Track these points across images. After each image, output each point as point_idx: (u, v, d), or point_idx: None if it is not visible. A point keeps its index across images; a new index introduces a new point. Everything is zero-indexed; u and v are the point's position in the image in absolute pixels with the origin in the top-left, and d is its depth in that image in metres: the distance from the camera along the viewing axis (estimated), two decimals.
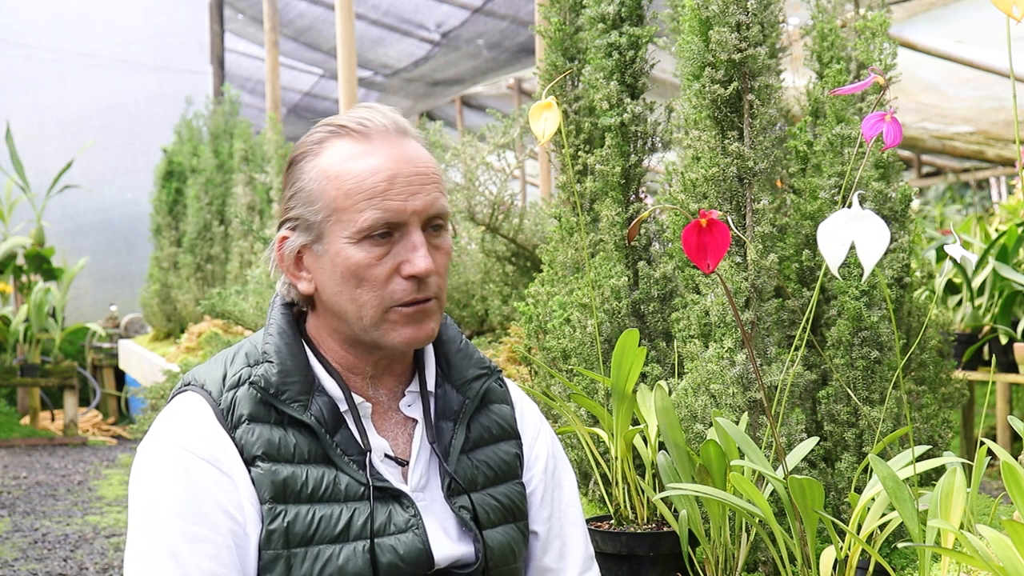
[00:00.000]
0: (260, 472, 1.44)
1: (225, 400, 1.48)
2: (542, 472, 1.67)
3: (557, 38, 2.89)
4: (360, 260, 1.47)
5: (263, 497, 1.44)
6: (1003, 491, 1.52)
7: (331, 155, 1.49)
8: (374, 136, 1.50)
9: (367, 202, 1.46)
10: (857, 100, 2.67)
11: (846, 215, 1.49)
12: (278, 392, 1.48)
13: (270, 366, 1.49)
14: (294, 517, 1.44)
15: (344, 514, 1.46)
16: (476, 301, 4.81)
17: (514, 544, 1.59)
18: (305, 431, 1.48)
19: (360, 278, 1.48)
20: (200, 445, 1.45)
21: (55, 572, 5.16)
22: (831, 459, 2.31)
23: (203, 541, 1.41)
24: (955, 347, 4.43)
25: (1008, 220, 5.63)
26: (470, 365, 1.62)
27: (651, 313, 2.57)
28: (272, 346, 1.51)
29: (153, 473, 1.45)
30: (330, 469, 1.48)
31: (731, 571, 2.01)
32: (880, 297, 2.28)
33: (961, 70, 8.02)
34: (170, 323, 8.12)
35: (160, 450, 1.46)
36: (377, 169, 1.47)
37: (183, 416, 1.49)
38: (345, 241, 1.47)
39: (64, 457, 8.47)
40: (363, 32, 9.47)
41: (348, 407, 1.52)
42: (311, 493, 1.46)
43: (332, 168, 1.48)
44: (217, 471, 1.44)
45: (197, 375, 1.52)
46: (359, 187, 1.46)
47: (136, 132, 11.85)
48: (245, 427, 1.46)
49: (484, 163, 4.46)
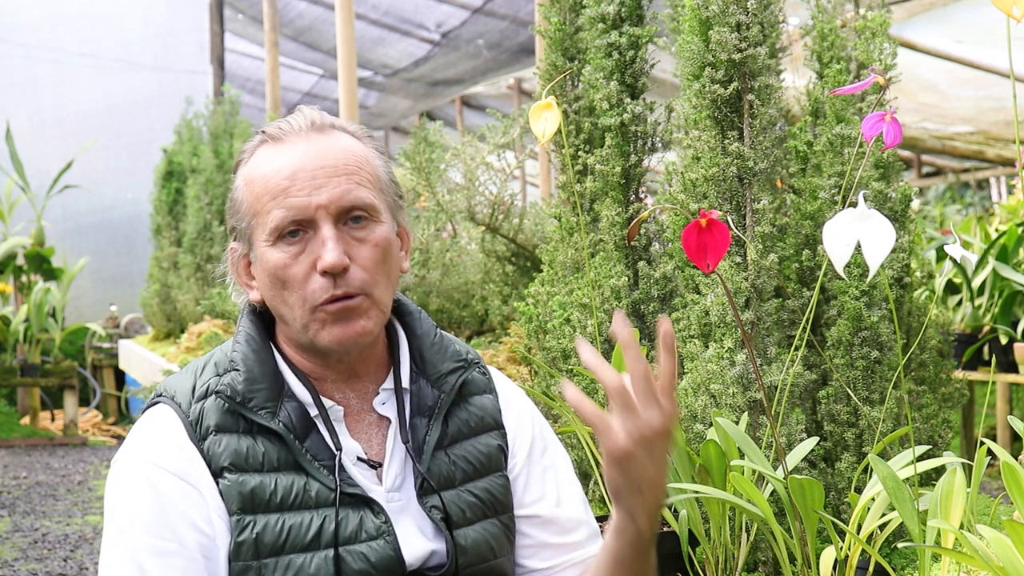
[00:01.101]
0: (227, 483, 1.43)
1: (194, 412, 1.47)
2: (525, 457, 1.63)
3: (557, 38, 2.89)
4: (277, 262, 1.46)
5: (231, 509, 1.43)
6: (1003, 491, 1.52)
7: (252, 162, 1.51)
8: (287, 137, 1.50)
9: (272, 202, 1.46)
10: (857, 100, 2.67)
11: (851, 215, 1.49)
12: (245, 400, 1.46)
13: (236, 374, 1.48)
14: (263, 527, 1.43)
15: (315, 522, 1.44)
16: (476, 301, 4.81)
17: (492, 540, 1.56)
18: (274, 439, 1.47)
19: (282, 280, 1.47)
20: (168, 459, 1.44)
21: (55, 572, 5.16)
22: (831, 459, 2.31)
23: (171, 555, 1.41)
24: (955, 347, 4.42)
25: (1008, 220, 5.63)
26: (445, 359, 1.59)
27: (651, 313, 2.57)
28: (239, 354, 1.50)
29: (122, 488, 1.45)
30: (300, 476, 1.46)
31: (731, 571, 2.01)
32: (880, 297, 2.28)
33: (961, 70, 8.02)
34: (170, 323, 8.12)
35: (129, 465, 1.46)
36: (280, 168, 1.47)
37: (152, 430, 1.48)
38: (265, 244, 1.47)
39: (64, 457, 8.48)
40: (363, 32, 9.47)
41: (318, 411, 1.49)
42: (280, 502, 1.44)
43: (249, 174, 1.50)
44: (185, 484, 1.43)
45: (169, 386, 1.52)
46: (265, 188, 1.47)
47: (136, 132, 11.85)
48: (213, 438, 1.45)
49: (484, 163, 4.47)
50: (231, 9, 9.99)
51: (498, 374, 1.69)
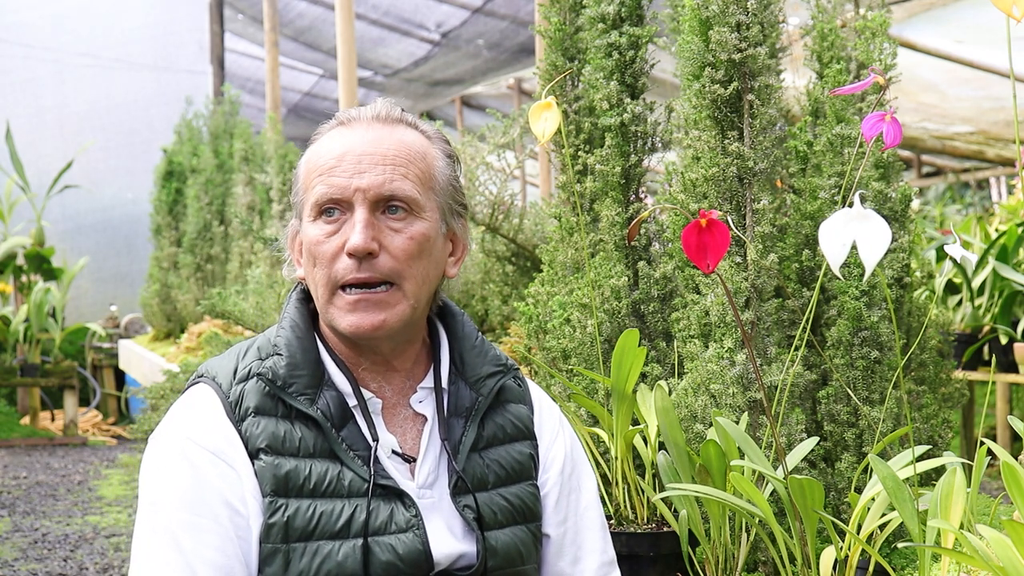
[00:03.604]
0: (263, 465, 1.44)
1: (234, 393, 1.48)
2: (558, 475, 1.64)
3: (557, 38, 2.89)
4: (313, 237, 1.50)
5: (264, 490, 1.44)
6: (1003, 491, 1.52)
7: (317, 143, 1.55)
8: (352, 123, 1.54)
9: (318, 179, 1.50)
10: (857, 100, 2.67)
11: (847, 215, 1.49)
12: (285, 385, 1.48)
13: (279, 359, 1.50)
14: (295, 512, 1.44)
15: (346, 510, 1.45)
16: (476, 301, 4.81)
17: (522, 546, 1.56)
18: (312, 425, 1.48)
19: (314, 255, 1.51)
20: (206, 437, 1.46)
21: (55, 572, 5.15)
22: (831, 459, 2.31)
23: (206, 532, 1.42)
24: (955, 347, 4.42)
25: (1008, 220, 5.63)
26: (485, 362, 1.60)
27: (651, 313, 2.57)
28: (283, 339, 1.52)
29: (159, 464, 1.47)
30: (334, 464, 1.47)
31: (731, 571, 2.01)
32: (880, 297, 2.28)
33: (961, 70, 8.02)
34: (170, 323, 8.12)
35: (167, 441, 1.48)
36: (332, 148, 1.52)
37: (192, 408, 1.50)
38: (308, 220, 1.52)
39: (64, 457, 8.47)
40: (363, 32, 9.47)
41: (357, 401, 1.51)
42: (313, 488, 1.45)
43: (309, 153, 1.55)
44: (222, 463, 1.44)
45: (210, 367, 1.54)
46: (316, 165, 1.52)
47: (136, 132, 11.85)
48: (251, 420, 1.47)
49: (484, 163, 4.46)
50: (231, 9, 9.99)
51: (534, 385, 1.70)
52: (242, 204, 7.07)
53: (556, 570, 1.64)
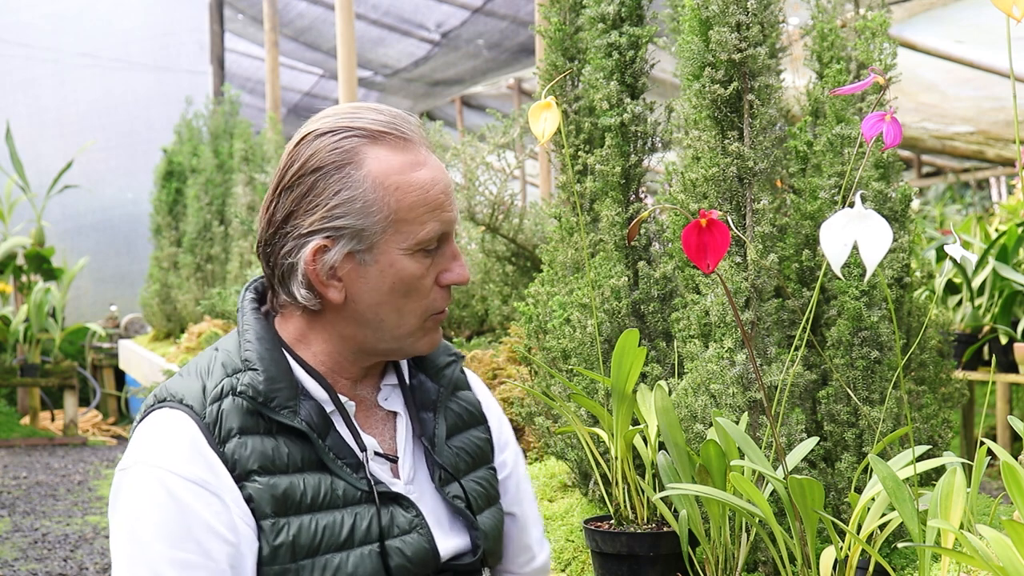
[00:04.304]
0: (259, 487, 1.39)
1: (210, 414, 1.41)
2: (513, 455, 1.72)
3: (557, 38, 2.89)
4: (414, 271, 1.47)
5: (263, 512, 1.39)
6: (1003, 491, 1.52)
7: (380, 164, 1.45)
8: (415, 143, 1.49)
9: (430, 214, 1.46)
10: (857, 100, 2.67)
11: (848, 215, 1.48)
12: (267, 400, 1.43)
13: (255, 374, 1.44)
14: (298, 529, 1.40)
15: (347, 520, 1.44)
16: (476, 301, 4.81)
17: (500, 526, 1.63)
18: (294, 438, 1.44)
19: (411, 289, 1.47)
20: (185, 466, 1.38)
21: (55, 572, 5.16)
22: (831, 459, 2.31)
23: (196, 568, 1.36)
24: (955, 347, 4.43)
25: (1008, 220, 5.63)
26: (440, 352, 1.63)
27: (651, 313, 2.57)
28: (254, 353, 1.46)
29: (138, 499, 1.38)
30: (325, 475, 1.45)
31: (731, 571, 2.01)
32: (880, 297, 2.28)
33: (961, 70, 8.02)
34: (170, 323, 8.12)
35: (142, 474, 1.39)
36: (436, 181, 1.48)
37: (164, 435, 1.41)
38: (400, 252, 1.46)
39: (64, 457, 8.47)
40: (363, 32, 9.47)
41: (335, 408, 1.49)
42: (311, 502, 1.43)
43: (389, 178, 1.45)
44: (206, 492, 1.37)
45: (172, 390, 1.45)
46: (423, 199, 1.46)
47: (136, 132, 11.86)
48: (237, 441, 1.41)
49: (484, 163, 4.47)
50: (231, 9, 9.99)
51: (469, 372, 1.75)
52: (242, 204, 7.07)
53: (522, 545, 1.71)
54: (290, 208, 1.46)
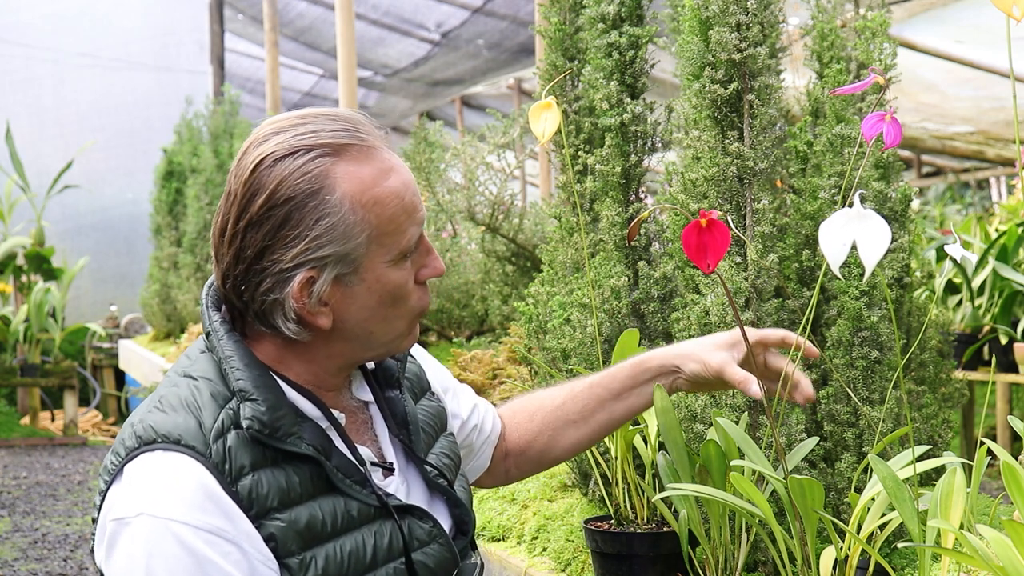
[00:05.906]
0: (281, 525, 1.31)
1: (216, 452, 1.31)
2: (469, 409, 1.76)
3: (557, 38, 2.89)
4: (399, 279, 1.42)
5: (288, 550, 1.31)
6: (1003, 491, 1.51)
7: (352, 182, 1.37)
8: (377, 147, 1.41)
9: (408, 220, 1.40)
10: (857, 100, 2.67)
11: (847, 215, 1.48)
12: (273, 430, 1.33)
13: (256, 404, 1.34)
14: (325, 560, 1.34)
15: (368, 540, 1.39)
16: (476, 301, 4.81)
17: (470, 495, 1.64)
18: (301, 464, 1.36)
19: (399, 297, 1.43)
20: (198, 515, 1.27)
21: (55, 572, 5.16)
22: (831, 459, 2.31)
23: None
24: (955, 347, 4.42)
25: (1008, 220, 5.63)
26: None
27: (651, 313, 2.57)
28: (247, 382, 1.36)
29: (146, 556, 1.26)
30: (338, 498, 1.38)
31: (731, 571, 2.01)
32: (880, 297, 2.28)
33: (961, 70, 8.02)
34: (170, 323, 8.12)
35: (150, 527, 1.26)
36: (406, 184, 1.41)
37: (168, 482, 1.29)
38: (385, 265, 1.40)
39: (64, 457, 8.47)
40: (363, 32, 9.47)
41: (329, 423, 1.43)
42: (332, 529, 1.36)
43: (365, 195, 1.37)
44: (223, 541, 1.27)
45: (161, 429, 1.32)
46: (400, 207, 1.40)
47: (136, 132, 11.86)
48: (251, 479, 1.31)
49: (484, 163, 4.47)
50: (231, 9, 10.00)
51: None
52: None
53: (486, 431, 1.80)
54: (264, 243, 1.37)
